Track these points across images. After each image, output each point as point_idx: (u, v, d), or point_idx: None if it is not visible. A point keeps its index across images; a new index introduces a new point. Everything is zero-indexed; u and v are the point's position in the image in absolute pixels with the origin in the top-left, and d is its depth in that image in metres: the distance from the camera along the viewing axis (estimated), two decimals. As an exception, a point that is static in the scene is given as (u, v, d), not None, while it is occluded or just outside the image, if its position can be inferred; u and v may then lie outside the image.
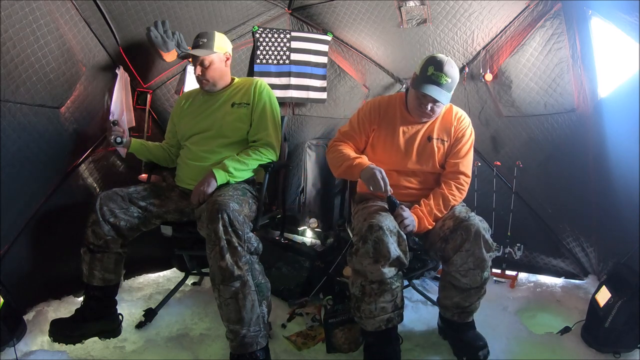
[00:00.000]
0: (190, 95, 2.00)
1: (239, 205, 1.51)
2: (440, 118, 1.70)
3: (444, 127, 1.70)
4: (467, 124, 1.71)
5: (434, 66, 1.53)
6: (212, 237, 1.42)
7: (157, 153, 1.96)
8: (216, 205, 1.45)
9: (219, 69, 1.85)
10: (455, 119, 1.70)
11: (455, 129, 1.69)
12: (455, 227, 1.49)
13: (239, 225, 1.45)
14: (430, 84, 1.52)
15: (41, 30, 1.53)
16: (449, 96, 1.56)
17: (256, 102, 1.83)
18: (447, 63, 1.53)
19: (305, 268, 2.14)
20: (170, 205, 1.79)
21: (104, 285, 1.63)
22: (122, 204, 1.66)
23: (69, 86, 1.74)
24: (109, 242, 1.61)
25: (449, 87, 1.55)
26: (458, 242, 1.47)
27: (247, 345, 1.43)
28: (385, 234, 1.39)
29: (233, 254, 1.42)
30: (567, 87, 2.05)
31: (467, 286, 1.52)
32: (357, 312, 1.48)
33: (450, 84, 1.55)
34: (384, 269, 1.40)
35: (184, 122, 1.93)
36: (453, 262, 1.49)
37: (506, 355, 1.59)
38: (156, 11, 2.04)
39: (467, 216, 1.51)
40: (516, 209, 2.29)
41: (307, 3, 2.52)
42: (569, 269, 2.29)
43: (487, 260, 1.47)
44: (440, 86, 1.52)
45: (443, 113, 1.71)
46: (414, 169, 1.70)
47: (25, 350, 1.51)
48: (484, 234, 1.45)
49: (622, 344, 1.55)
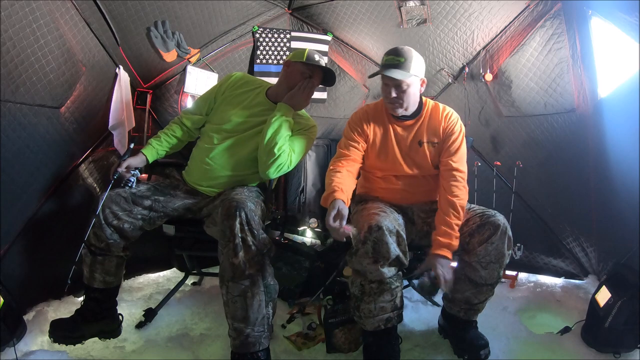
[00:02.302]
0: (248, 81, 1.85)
1: (254, 206, 1.51)
2: (427, 119, 1.67)
3: (433, 129, 1.67)
4: (455, 120, 1.68)
5: (386, 54, 1.59)
6: (227, 233, 1.42)
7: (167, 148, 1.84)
8: (234, 203, 1.45)
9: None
10: (443, 118, 1.67)
11: (444, 127, 1.66)
12: (482, 223, 1.51)
13: (255, 225, 1.45)
14: (384, 68, 1.55)
15: (41, 30, 1.53)
16: (406, 74, 1.53)
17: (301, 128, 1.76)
18: (398, 47, 1.58)
19: (305, 268, 2.15)
20: (176, 202, 1.73)
21: (104, 287, 1.62)
22: (125, 205, 1.60)
23: (69, 86, 1.74)
24: (110, 246, 1.58)
25: (406, 66, 1.53)
26: (485, 235, 1.49)
27: (249, 345, 1.43)
28: (384, 234, 1.39)
29: (246, 252, 1.42)
30: (567, 87, 2.05)
31: (482, 280, 1.53)
32: (357, 312, 1.48)
33: (405, 63, 1.53)
34: (383, 269, 1.40)
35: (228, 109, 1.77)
36: (477, 252, 1.50)
37: (506, 355, 1.59)
38: (156, 11, 2.04)
39: (493, 213, 1.54)
40: (516, 209, 2.29)
41: (307, 3, 2.52)
42: (569, 269, 2.29)
43: (506, 257, 1.50)
44: (393, 67, 1.53)
45: (430, 113, 1.68)
46: (409, 174, 1.69)
47: (25, 350, 1.50)
48: (509, 231, 1.49)
49: (622, 344, 1.55)
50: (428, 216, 1.67)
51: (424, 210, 1.70)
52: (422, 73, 1.60)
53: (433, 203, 1.70)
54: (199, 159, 1.77)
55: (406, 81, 1.54)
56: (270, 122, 1.63)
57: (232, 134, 1.74)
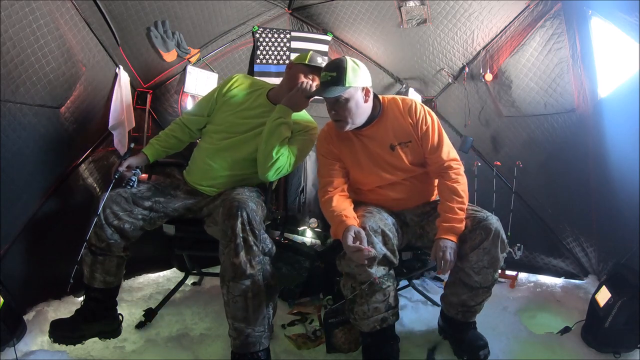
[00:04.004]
0: (249, 82, 1.86)
1: (255, 206, 1.51)
2: (389, 121, 1.57)
3: (399, 128, 1.57)
4: (419, 111, 1.56)
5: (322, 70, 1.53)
6: (229, 233, 1.42)
7: (168, 148, 1.86)
8: (235, 202, 1.44)
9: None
10: (405, 113, 1.56)
11: (411, 124, 1.55)
12: (474, 227, 1.47)
13: (257, 225, 1.45)
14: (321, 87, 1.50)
15: (41, 30, 1.53)
16: (339, 89, 1.44)
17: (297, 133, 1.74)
18: (331, 61, 1.52)
19: (305, 268, 2.15)
20: (177, 202, 1.73)
21: (104, 287, 1.62)
22: (126, 206, 1.60)
23: (69, 86, 1.74)
24: (111, 246, 1.58)
25: (336, 80, 1.44)
26: (477, 241, 1.45)
27: (250, 345, 1.43)
28: (368, 234, 1.39)
29: (248, 252, 1.42)
30: (567, 87, 2.05)
31: (477, 284, 1.51)
32: (352, 314, 1.47)
33: (337, 77, 1.44)
34: (371, 270, 1.39)
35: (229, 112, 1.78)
36: (469, 259, 1.47)
37: (506, 355, 1.59)
38: (156, 11, 2.04)
39: (485, 216, 1.49)
40: (516, 209, 2.29)
41: (307, 3, 2.52)
42: (569, 269, 2.29)
43: (500, 260, 1.47)
44: (326, 85, 1.46)
45: (389, 113, 1.58)
46: (393, 180, 1.62)
47: (25, 350, 1.50)
48: (502, 234, 1.45)
49: (622, 344, 1.55)
50: (421, 219, 1.64)
51: (416, 214, 1.66)
52: (363, 81, 1.48)
53: (425, 205, 1.67)
54: (200, 159, 1.78)
55: (344, 96, 1.45)
56: (268, 126, 1.63)
57: (233, 135, 1.75)
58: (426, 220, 1.63)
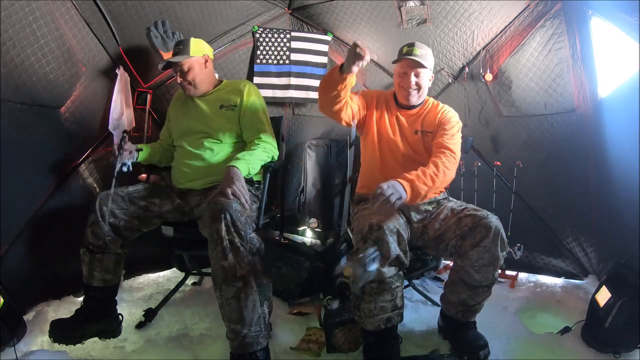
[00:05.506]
0: (183, 95, 1.98)
1: (240, 206, 1.51)
2: (426, 113, 1.77)
3: (430, 121, 1.75)
4: (451, 113, 1.76)
5: (406, 46, 1.71)
6: (215, 237, 1.42)
7: (160, 154, 1.97)
8: (218, 205, 1.44)
9: (199, 72, 1.85)
10: (440, 112, 1.76)
11: (440, 119, 1.74)
12: (474, 225, 1.49)
13: (241, 226, 1.45)
14: (406, 56, 1.67)
15: (41, 30, 1.53)
16: (424, 64, 1.66)
17: (244, 104, 1.83)
18: (416, 44, 1.70)
19: (305, 268, 2.14)
20: (171, 204, 1.79)
21: (103, 285, 1.63)
22: (122, 204, 1.66)
23: (69, 86, 1.74)
24: (108, 243, 1.61)
25: (424, 58, 1.67)
26: (477, 239, 1.47)
27: (247, 345, 1.43)
28: (385, 233, 1.39)
29: (235, 254, 1.42)
30: (567, 87, 2.05)
31: (477, 283, 1.52)
32: (357, 311, 1.48)
33: (424, 56, 1.67)
34: (383, 269, 1.40)
35: (178, 122, 1.94)
36: (469, 257, 1.49)
37: (506, 355, 1.59)
38: (156, 11, 2.04)
39: (485, 214, 1.51)
40: (516, 209, 2.29)
41: (307, 3, 2.52)
42: (569, 269, 2.29)
43: (500, 259, 1.49)
44: (414, 57, 1.65)
45: (429, 109, 1.78)
46: (403, 153, 1.73)
47: (25, 350, 1.50)
48: (502, 233, 1.47)
49: (622, 344, 1.55)
50: (424, 217, 1.67)
51: (420, 212, 1.68)
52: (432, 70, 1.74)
53: (429, 203, 1.69)
54: (178, 163, 1.88)
55: (427, 68, 1.67)
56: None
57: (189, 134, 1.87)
58: (429, 218, 1.63)
